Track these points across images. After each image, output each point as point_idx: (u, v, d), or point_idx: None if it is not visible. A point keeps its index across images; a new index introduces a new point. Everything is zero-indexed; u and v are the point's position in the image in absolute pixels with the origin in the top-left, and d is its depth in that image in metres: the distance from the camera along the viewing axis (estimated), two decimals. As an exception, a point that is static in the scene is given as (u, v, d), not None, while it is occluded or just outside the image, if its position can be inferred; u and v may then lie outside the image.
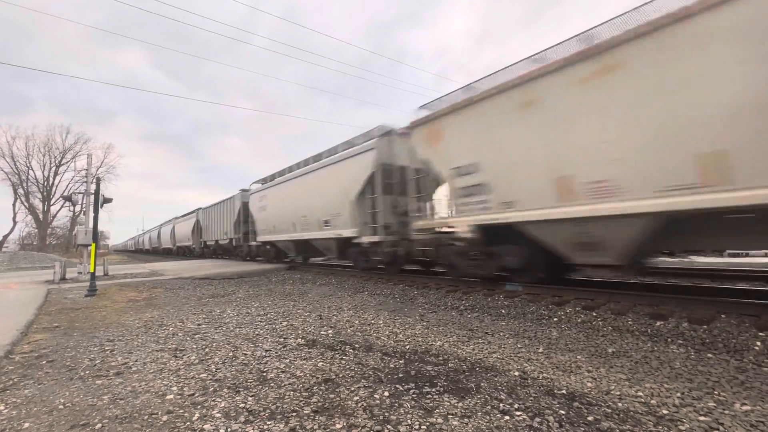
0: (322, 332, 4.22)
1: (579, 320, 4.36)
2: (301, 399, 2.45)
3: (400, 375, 2.85)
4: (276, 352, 3.48)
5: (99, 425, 2.18)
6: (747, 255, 10.59)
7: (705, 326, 3.73)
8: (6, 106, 74.81)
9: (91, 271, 8.19)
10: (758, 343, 3.25)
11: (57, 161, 43.65)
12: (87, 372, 3.11)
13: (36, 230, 44.30)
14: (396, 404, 2.34)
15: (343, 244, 10.15)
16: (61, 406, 2.45)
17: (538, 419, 2.10)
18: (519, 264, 5.93)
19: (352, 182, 9.09)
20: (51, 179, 43.55)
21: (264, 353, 3.46)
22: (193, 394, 2.57)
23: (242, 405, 2.38)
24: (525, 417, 2.13)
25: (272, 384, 2.72)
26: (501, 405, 2.29)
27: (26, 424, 2.21)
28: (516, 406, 2.28)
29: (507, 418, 2.13)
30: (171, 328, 4.59)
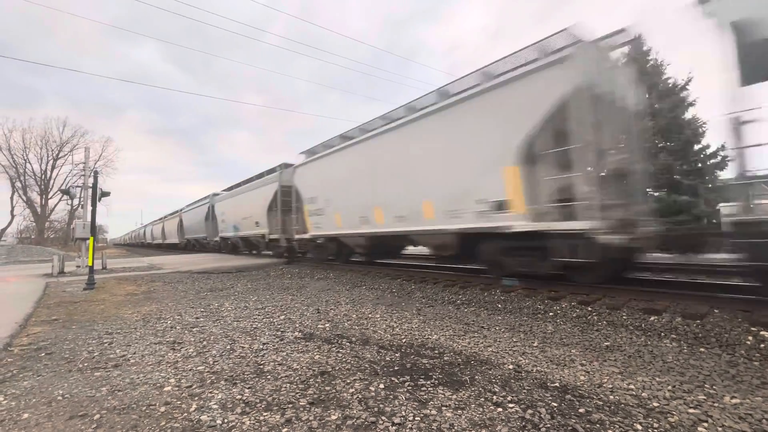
0: (319, 326, 4.25)
1: (574, 315, 4.40)
2: (298, 391, 2.48)
3: (396, 368, 2.88)
4: (273, 345, 3.51)
5: (97, 416, 2.20)
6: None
7: (698, 321, 3.77)
8: (17, 99, 74.98)
9: (90, 264, 8.20)
10: (750, 338, 3.29)
11: (54, 154, 43.35)
12: (85, 364, 3.13)
13: (34, 224, 44.15)
14: (391, 396, 2.37)
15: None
16: (59, 398, 2.48)
17: (530, 411, 2.13)
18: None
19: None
20: (48, 172, 43.29)
21: (261, 346, 3.49)
22: (190, 386, 2.60)
23: (239, 396, 2.41)
24: (518, 409, 2.17)
25: (269, 376, 2.75)
26: (494, 397, 2.33)
27: (25, 415, 2.24)
28: (509, 398, 2.31)
29: (500, 410, 2.17)
30: (169, 322, 4.61)
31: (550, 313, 4.55)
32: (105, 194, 9.62)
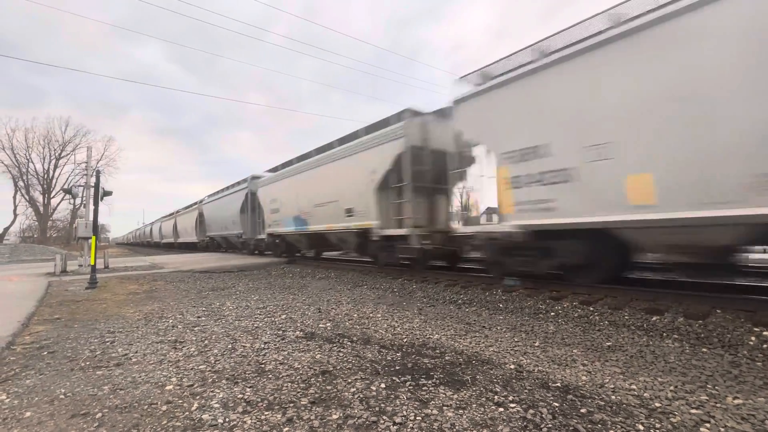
0: (320, 325, 4.26)
1: (576, 315, 4.39)
2: (299, 390, 2.48)
3: (397, 367, 2.88)
4: (274, 345, 3.51)
5: (99, 414, 2.21)
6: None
7: (700, 321, 3.76)
8: (23, 99, 75.60)
9: (92, 263, 8.23)
10: (753, 338, 3.28)
11: (57, 154, 43.53)
12: (87, 363, 3.14)
13: (36, 223, 44.33)
14: (392, 396, 2.37)
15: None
16: (62, 396, 2.48)
17: (531, 411, 2.13)
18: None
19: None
20: (51, 172, 43.48)
21: (263, 345, 3.49)
22: (192, 385, 2.60)
23: (240, 396, 2.41)
24: (519, 409, 2.16)
25: (270, 375, 2.75)
26: (496, 397, 2.32)
27: (27, 413, 2.25)
28: (510, 398, 2.31)
29: (501, 409, 2.16)
30: (171, 321, 4.62)
31: (552, 313, 4.54)
32: (107, 193, 9.65)
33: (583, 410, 2.14)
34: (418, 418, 2.08)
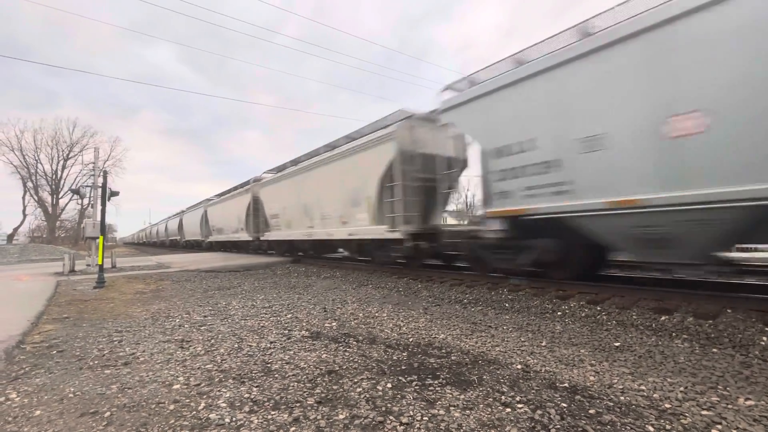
0: (326, 324, 4.26)
1: (583, 314, 4.35)
2: (305, 390, 2.48)
3: (403, 367, 2.87)
4: (280, 344, 3.52)
5: (108, 413, 2.23)
6: (756, 249, 10.46)
7: (710, 321, 3.71)
8: (36, 101, 76.94)
9: (99, 263, 8.31)
10: (764, 338, 3.22)
11: (65, 155, 44.00)
12: (96, 362, 3.17)
13: (45, 223, 44.88)
14: (398, 396, 2.36)
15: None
16: (71, 395, 2.51)
17: (539, 411, 2.11)
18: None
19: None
20: (59, 172, 43.96)
21: (269, 345, 3.50)
22: (199, 384, 2.61)
23: (247, 395, 2.42)
24: (527, 409, 2.14)
25: (276, 375, 2.75)
26: (503, 397, 2.31)
27: (37, 412, 2.27)
28: (518, 398, 2.29)
29: (509, 410, 2.15)
30: (177, 320, 4.65)
31: (559, 313, 4.50)
32: (114, 194, 9.73)
33: (591, 411, 2.12)
34: (425, 418, 2.07)
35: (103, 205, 8.70)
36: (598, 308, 4.47)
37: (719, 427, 1.93)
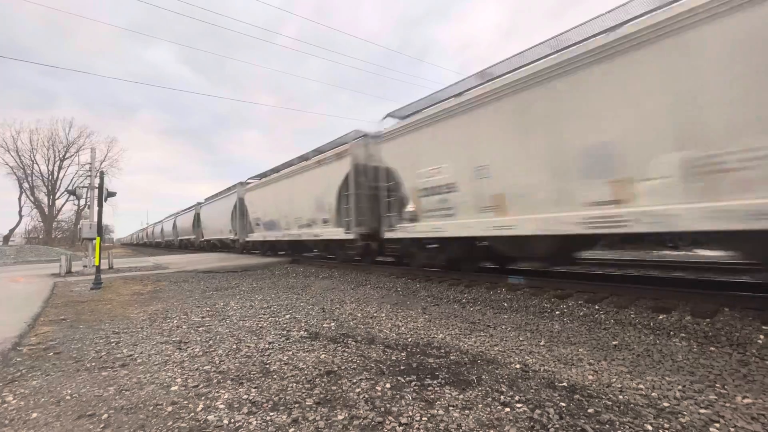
0: (324, 325, 4.25)
1: (581, 313, 4.36)
2: (304, 390, 2.48)
3: (402, 367, 2.87)
4: (279, 345, 3.51)
5: (105, 415, 2.21)
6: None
7: (708, 320, 3.72)
8: (34, 101, 76.71)
9: (96, 264, 8.27)
10: (762, 337, 3.24)
11: (61, 155, 43.77)
12: (93, 364, 3.15)
13: (42, 224, 44.63)
14: (397, 396, 2.36)
15: None
16: (68, 397, 2.49)
17: (538, 411, 2.11)
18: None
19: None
20: (55, 173, 43.74)
21: (267, 345, 3.49)
22: (197, 386, 2.60)
23: (245, 396, 2.41)
24: (525, 409, 2.15)
25: (275, 376, 2.74)
26: (502, 397, 2.31)
27: (34, 415, 2.25)
28: (517, 398, 2.29)
29: (507, 410, 2.15)
30: (175, 321, 4.63)
31: (557, 312, 4.51)
32: (111, 194, 9.68)
33: (590, 410, 2.12)
34: (423, 418, 2.07)
35: (100, 205, 8.66)
36: (596, 307, 4.48)
37: (717, 425, 1.94)
